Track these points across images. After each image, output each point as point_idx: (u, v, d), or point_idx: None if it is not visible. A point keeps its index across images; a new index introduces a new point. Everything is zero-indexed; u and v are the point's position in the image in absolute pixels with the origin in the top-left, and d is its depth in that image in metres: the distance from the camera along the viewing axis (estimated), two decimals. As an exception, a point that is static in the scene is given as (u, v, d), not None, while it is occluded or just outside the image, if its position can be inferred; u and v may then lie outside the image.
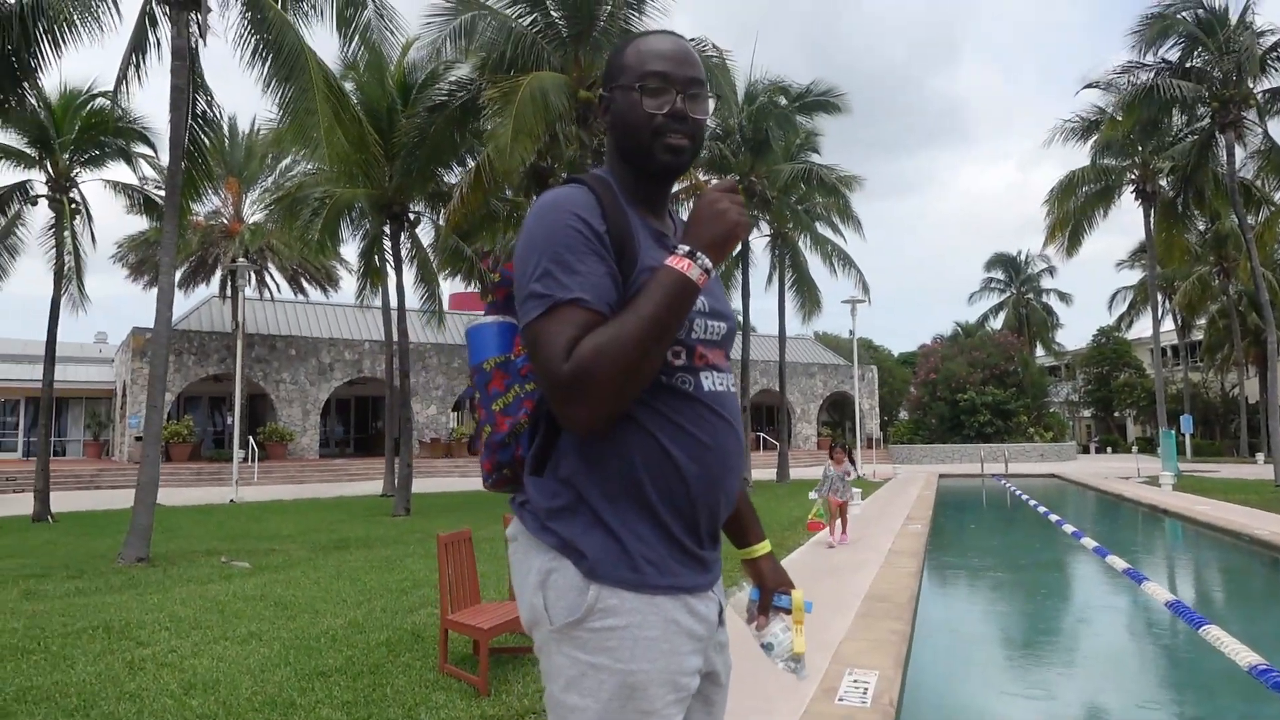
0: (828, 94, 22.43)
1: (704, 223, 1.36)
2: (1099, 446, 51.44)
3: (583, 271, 1.31)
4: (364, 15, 12.64)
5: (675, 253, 1.33)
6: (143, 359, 26.67)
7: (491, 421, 1.49)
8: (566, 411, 1.27)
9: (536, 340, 1.29)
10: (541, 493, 1.40)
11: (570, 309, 1.28)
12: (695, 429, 1.39)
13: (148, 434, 10.15)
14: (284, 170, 28.57)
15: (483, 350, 1.53)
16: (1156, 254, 28.20)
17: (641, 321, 1.27)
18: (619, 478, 1.35)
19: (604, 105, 1.53)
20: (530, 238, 1.36)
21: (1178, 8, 21.88)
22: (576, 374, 1.24)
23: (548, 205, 1.38)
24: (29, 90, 12.19)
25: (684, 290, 1.30)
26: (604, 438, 1.35)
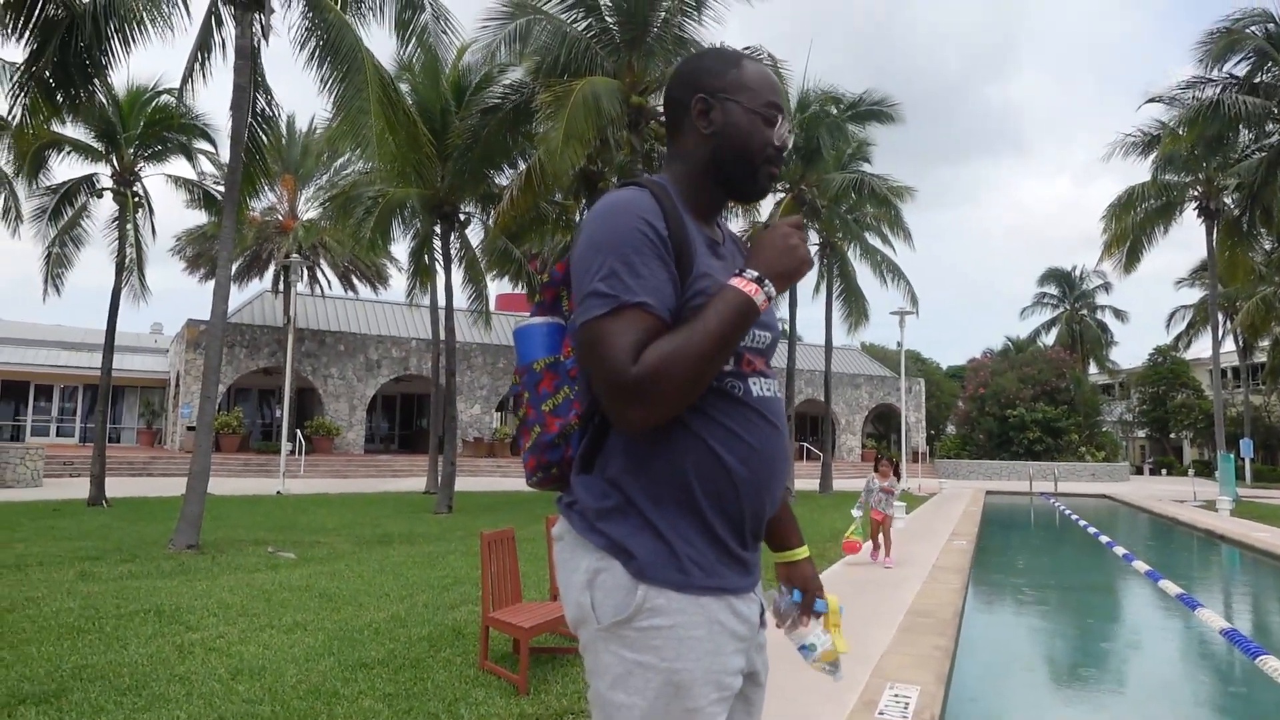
0: (881, 103, 22.21)
1: (774, 254, 1.41)
2: (1153, 468, 50.11)
3: (647, 275, 1.34)
4: (421, 18, 12.83)
5: (743, 275, 1.37)
6: (196, 350, 27.32)
7: (541, 422, 1.51)
8: (626, 413, 1.30)
9: (599, 339, 1.30)
10: (590, 493, 1.42)
11: (635, 312, 1.31)
12: (744, 433, 1.41)
13: (200, 424, 10.38)
14: (339, 169, 29.08)
15: (531, 351, 1.55)
16: (1218, 273, 27.41)
17: (708, 336, 1.30)
18: (668, 480, 1.37)
19: (702, 109, 1.52)
20: (594, 237, 1.38)
21: (1246, 22, 21.29)
22: (643, 378, 1.27)
23: (614, 206, 1.40)
24: (99, 86, 12.58)
25: (748, 312, 1.35)
26: (653, 440, 1.37)
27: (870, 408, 43.94)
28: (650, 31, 15.26)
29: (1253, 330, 40.41)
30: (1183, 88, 22.86)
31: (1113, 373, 55.21)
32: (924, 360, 61.91)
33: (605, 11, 15.50)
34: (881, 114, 22.33)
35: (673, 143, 1.58)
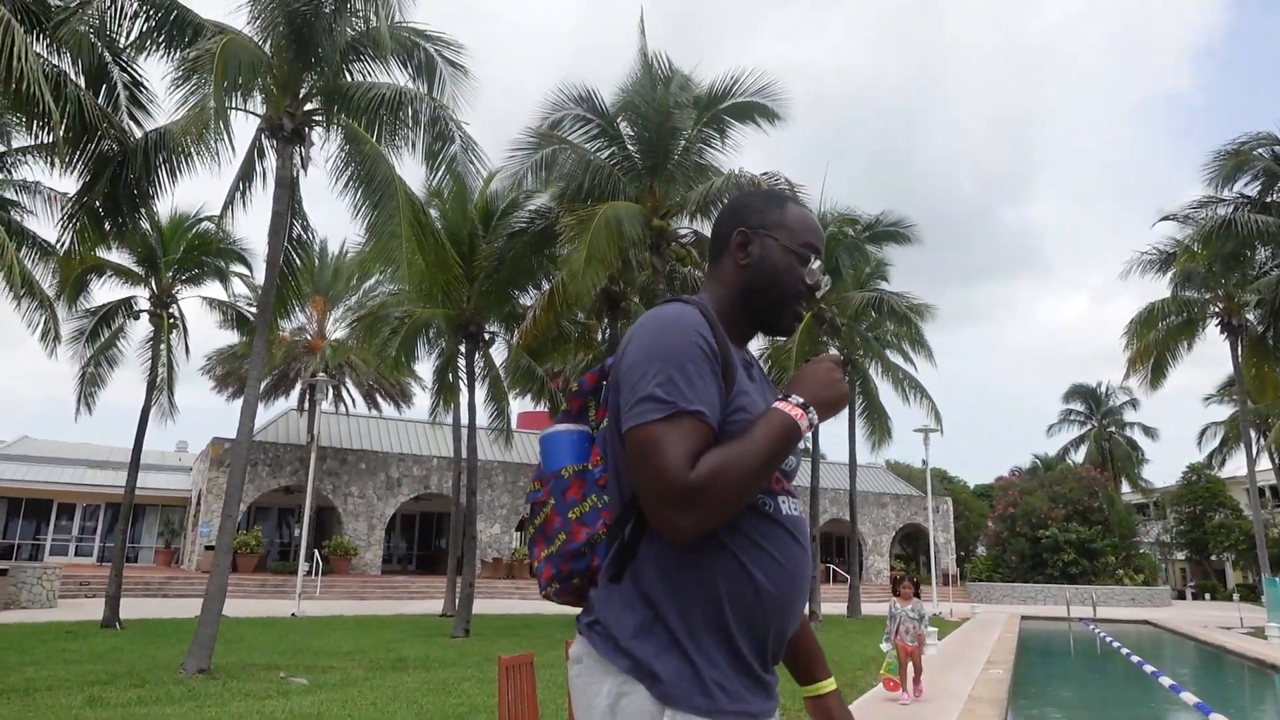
0: (897, 225, 22.70)
1: (820, 385, 1.45)
2: (1195, 592, 48.19)
3: (701, 387, 1.37)
4: (451, 149, 13.40)
5: (789, 400, 1.41)
6: (220, 468, 27.43)
7: (567, 529, 1.50)
8: (677, 519, 1.30)
9: (654, 443, 1.31)
10: (617, 606, 1.40)
11: (692, 420, 1.33)
12: (774, 550, 1.41)
13: (220, 543, 10.33)
14: (368, 290, 29.86)
15: (559, 457, 1.55)
16: (1246, 389, 27.11)
17: (759, 453, 1.34)
18: (699, 595, 1.36)
19: (742, 241, 1.59)
20: (651, 346, 1.40)
21: (1253, 145, 21.80)
22: (698, 486, 1.28)
23: (671, 318, 1.44)
24: (144, 215, 13.16)
25: (794, 435, 1.38)
26: (685, 553, 1.36)
27: (897, 527, 42.99)
28: (671, 159, 15.85)
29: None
30: (1195, 207, 23.24)
31: (1146, 491, 53.89)
32: (950, 479, 60.85)
33: (628, 141, 16.15)
34: (899, 234, 22.80)
35: (713, 269, 1.64)
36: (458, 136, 13.24)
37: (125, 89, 11.76)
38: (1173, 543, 52.22)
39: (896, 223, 22.67)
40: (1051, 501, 39.55)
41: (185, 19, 11.14)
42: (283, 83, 11.82)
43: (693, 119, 15.78)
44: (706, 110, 15.82)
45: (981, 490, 56.93)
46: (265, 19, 11.58)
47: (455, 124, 12.55)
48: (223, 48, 10.25)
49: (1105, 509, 39.73)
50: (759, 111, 15.83)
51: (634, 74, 15.69)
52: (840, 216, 22.46)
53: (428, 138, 13.04)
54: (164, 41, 11.27)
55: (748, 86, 15.64)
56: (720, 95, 15.80)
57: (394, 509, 31.73)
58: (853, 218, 22.60)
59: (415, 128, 12.39)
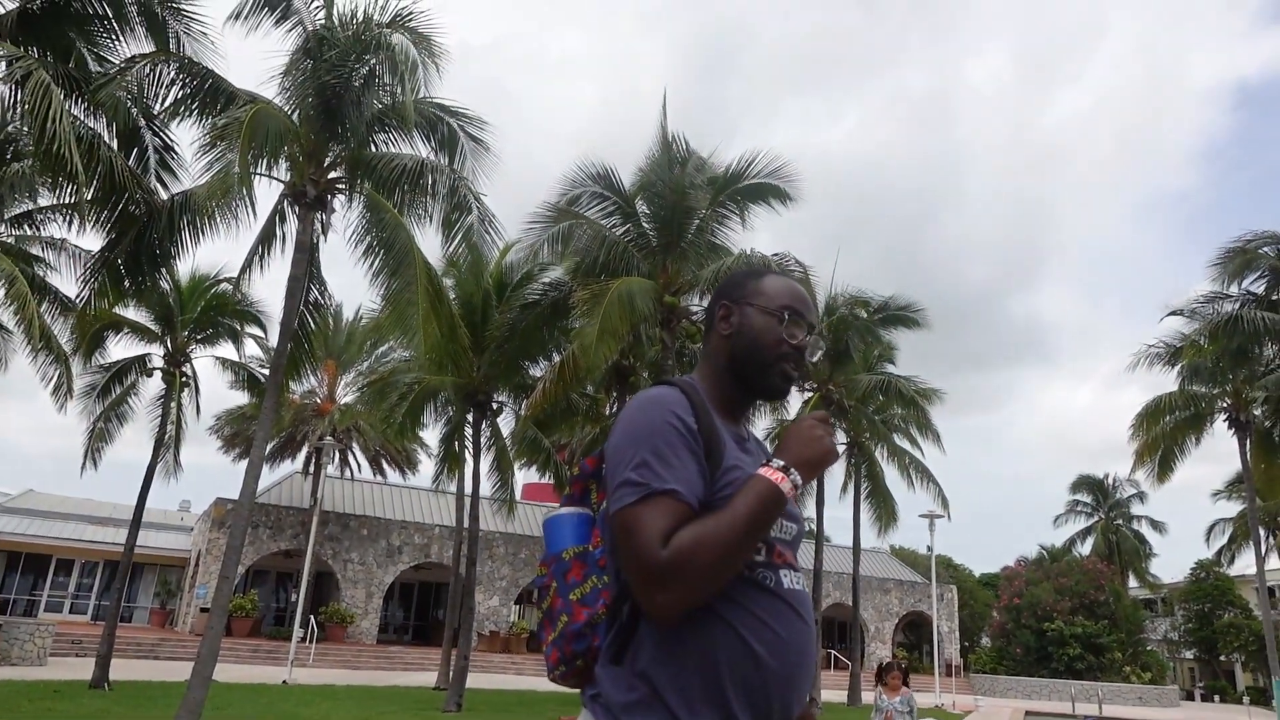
0: (906, 308, 22.90)
1: (801, 443, 1.47)
2: (1204, 693, 46.86)
3: (677, 466, 1.39)
4: (468, 219, 13.68)
5: (770, 465, 1.42)
6: (221, 528, 27.22)
7: (569, 611, 1.52)
8: (656, 597, 1.32)
9: (631, 525, 1.34)
10: (616, 685, 1.40)
11: (666, 499, 1.35)
12: (775, 623, 1.42)
13: (215, 605, 10.22)
14: (380, 356, 30.05)
15: (560, 540, 1.58)
16: (1255, 486, 26.86)
17: (736, 522, 1.35)
18: (697, 671, 1.36)
19: (725, 314, 1.64)
20: (629, 431, 1.44)
21: (1259, 243, 22.07)
22: (673, 562, 1.30)
23: (647, 402, 1.47)
24: (164, 274, 13.41)
25: (776, 500, 1.39)
26: (683, 629, 1.37)
27: (901, 614, 42.14)
28: (685, 237, 16.13)
29: (1298, 547, 39.01)
30: (1202, 302, 23.39)
31: (1154, 587, 52.88)
32: (955, 566, 59.85)
33: (643, 219, 16.47)
34: (907, 319, 22.98)
35: (704, 348, 1.69)
36: (475, 208, 13.54)
37: (156, 152, 12.10)
38: (1181, 641, 50.99)
39: (906, 306, 22.88)
40: (1057, 594, 38.87)
41: (219, 87, 11.54)
42: (308, 151, 12.16)
43: (708, 199, 16.11)
44: (721, 191, 16.16)
45: (987, 579, 55.96)
46: (296, 90, 11.99)
47: (474, 195, 12.85)
48: (251, 117, 10.59)
49: (1112, 603, 38.99)
50: (772, 192, 16.16)
51: (652, 153, 16.08)
52: (851, 298, 22.68)
53: (446, 207, 13.32)
54: (197, 109, 11.65)
55: (762, 168, 16.00)
56: (735, 176, 16.16)
57: (393, 577, 31.31)
58: (863, 299, 22.81)
59: (435, 198, 12.70)
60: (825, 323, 22.24)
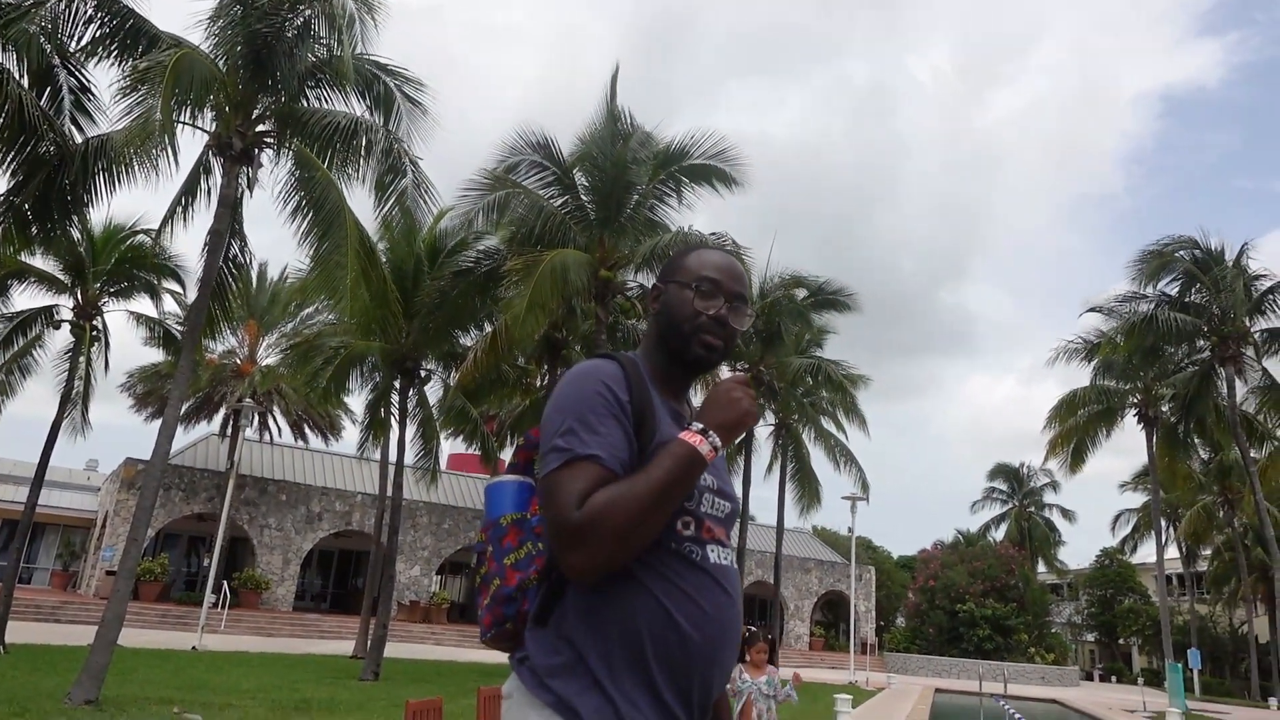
0: (838, 293, 23.24)
1: (718, 407, 1.48)
2: (1103, 674, 49.24)
3: (602, 433, 1.42)
4: (402, 182, 13.32)
5: (689, 428, 1.45)
6: (130, 490, 26.30)
7: (501, 575, 1.53)
8: (569, 557, 1.34)
9: (551, 489, 1.38)
10: (542, 648, 1.43)
11: (587, 464, 1.39)
12: (699, 597, 1.44)
13: (123, 568, 9.85)
14: (305, 318, 29.25)
15: (500, 506, 1.59)
16: (1159, 479, 28.13)
17: (651, 483, 1.37)
18: (620, 639, 1.39)
19: (655, 294, 1.69)
20: (559, 401, 1.48)
21: (1175, 246, 22.96)
22: (585, 522, 1.32)
23: (580, 373, 1.51)
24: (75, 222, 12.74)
25: (693, 462, 1.41)
26: (608, 596, 1.40)
27: (820, 594, 43.14)
28: (623, 212, 16.02)
29: (1195, 538, 41.08)
30: (1120, 301, 24.28)
31: (1061, 572, 55.22)
32: (875, 548, 61.48)
33: (581, 191, 16.29)
34: (839, 303, 23.32)
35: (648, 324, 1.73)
36: (410, 171, 13.18)
37: (71, 93, 11.47)
38: (1083, 624, 53.47)
39: (838, 291, 23.21)
40: (970, 577, 40.23)
41: (141, 29, 10.96)
42: (236, 101, 11.67)
43: (648, 175, 16.00)
44: (663, 168, 16.06)
45: (904, 561, 57.64)
46: (224, 37, 11.47)
47: (409, 158, 12.51)
48: (176, 61, 10.09)
49: (1021, 587, 40.54)
50: (716, 174, 16.13)
51: (595, 125, 15.88)
52: (787, 279, 22.88)
53: (380, 169, 12.94)
54: (117, 49, 11.06)
55: (707, 149, 15.95)
56: (678, 154, 16.07)
57: (312, 544, 30.72)
58: (801, 279, 23.03)
59: (368, 158, 12.31)
60: (758, 304, 22.42)
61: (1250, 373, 22.71)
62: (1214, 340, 22.06)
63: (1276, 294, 21.78)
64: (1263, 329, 22.21)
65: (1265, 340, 22.19)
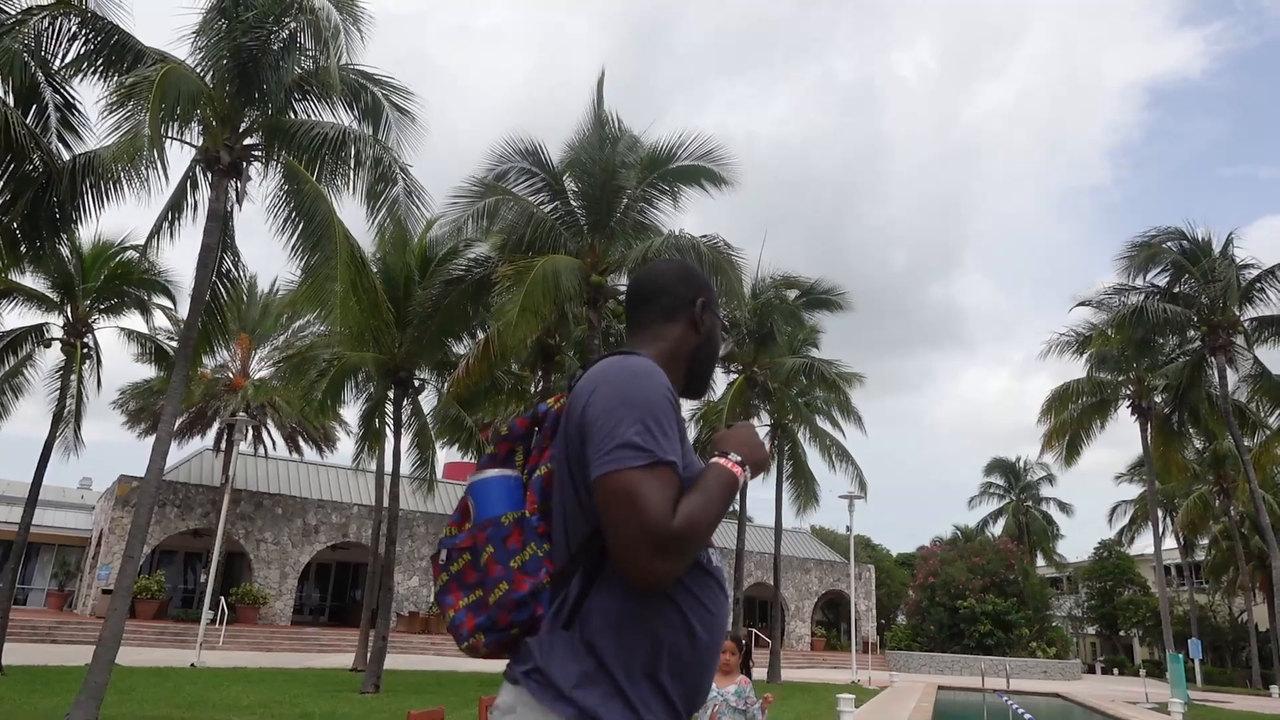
0: (830, 292, 23.27)
1: (752, 447, 1.54)
2: (1105, 667, 49.32)
3: (673, 439, 1.43)
4: (393, 192, 13.30)
5: (729, 458, 1.48)
6: (125, 507, 26.17)
7: (509, 579, 1.46)
8: (658, 564, 1.31)
9: (636, 489, 1.32)
10: (561, 654, 1.38)
11: (669, 470, 1.37)
12: (708, 600, 1.46)
13: (119, 586, 9.79)
14: (297, 330, 29.18)
15: (495, 503, 1.52)
16: (1154, 470, 28.21)
17: (716, 504, 1.40)
18: (641, 646, 1.38)
19: (705, 310, 1.71)
20: (626, 394, 1.43)
21: (1163, 238, 23.04)
22: (683, 532, 1.32)
23: (645, 370, 1.48)
24: (64, 239, 12.70)
25: (735, 489, 1.46)
26: (632, 602, 1.39)
27: (820, 593, 43.14)
28: (613, 217, 16.02)
29: (1191, 528, 41.19)
30: (1110, 293, 24.35)
31: (1060, 566, 55.30)
32: (874, 546, 61.57)
33: (571, 197, 16.29)
34: (831, 302, 23.36)
35: (657, 326, 1.68)
36: (401, 180, 13.17)
37: (57, 110, 11.43)
38: (1084, 617, 53.55)
39: (829, 290, 23.26)
40: (970, 572, 40.26)
41: (127, 44, 10.94)
42: (223, 115, 11.64)
43: (637, 178, 16.01)
44: (652, 171, 16.07)
45: (904, 559, 57.72)
46: (210, 51, 11.44)
47: (399, 167, 12.50)
48: (163, 76, 10.06)
49: (1020, 582, 40.58)
50: (705, 175, 16.14)
51: (583, 131, 15.89)
52: (780, 279, 22.89)
53: (370, 179, 12.93)
54: (102, 66, 11.03)
55: (695, 150, 15.96)
56: (667, 157, 16.08)
57: (309, 557, 30.61)
58: (792, 280, 23.06)
59: (358, 169, 12.29)
60: (750, 305, 22.44)
61: (1241, 361, 22.78)
62: (1204, 330, 22.13)
63: (1264, 282, 21.87)
64: (1251, 317, 22.30)
65: (1255, 328, 22.27)
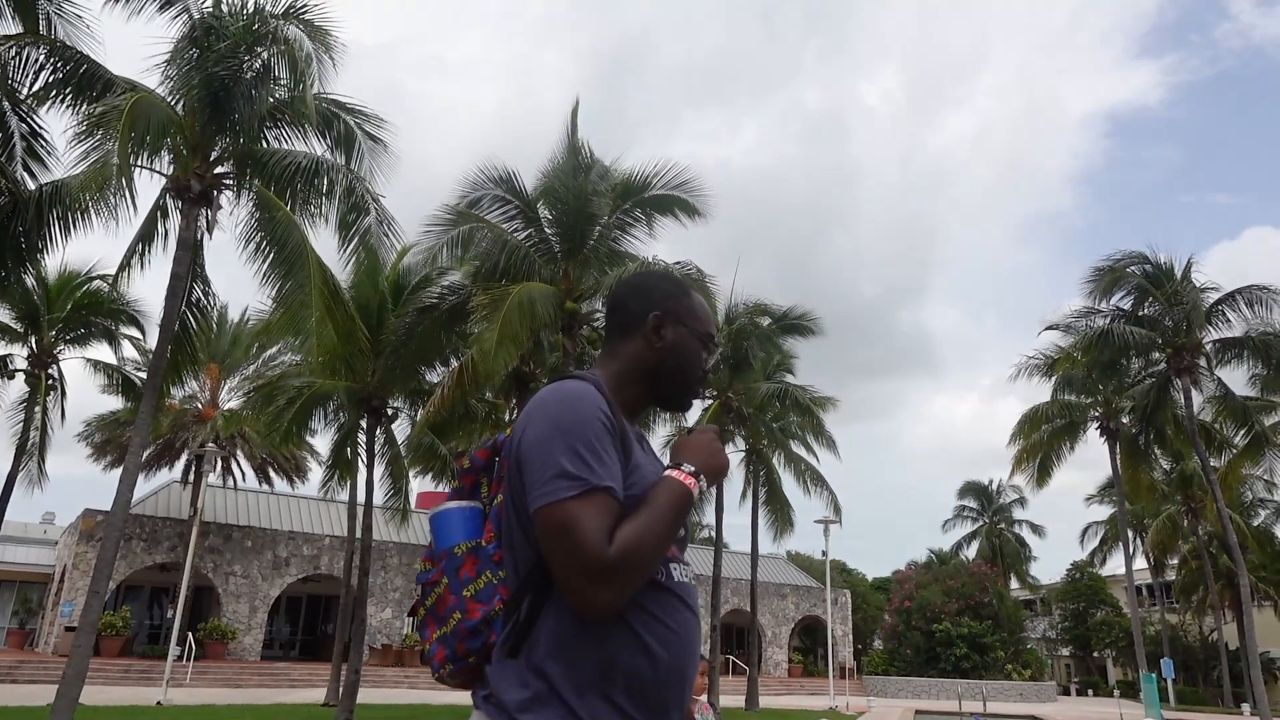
0: (803, 318, 23.46)
1: (707, 454, 1.51)
2: (1080, 688, 49.53)
3: (608, 463, 1.40)
4: (365, 221, 13.27)
5: (680, 468, 1.46)
6: (90, 542, 25.60)
7: (462, 608, 1.48)
8: (599, 595, 1.31)
9: (570, 521, 1.32)
10: (509, 681, 1.38)
11: (604, 496, 1.35)
12: (667, 618, 1.44)
13: (84, 623, 9.57)
14: (268, 359, 28.85)
15: (450, 535, 1.54)
16: (1124, 491, 28.55)
17: (664, 522, 1.38)
18: (594, 668, 1.36)
19: (661, 325, 1.65)
20: (557, 421, 1.42)
21: (1127, 261, 23.50)
22: (619, 560, 1.31)
23: (575, 394, 1.46)
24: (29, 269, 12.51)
25: (689, 501, 1.44)
26: (581, 624, 1.37)
27: (797, 619, 43.01)
28: (587, 244, 16.06)
29: (1161, 549, 41.67)
30: (1076, 317, 24.73)
31: (1033, 588, 55.63)
32: (850, 571, 61.60)
33: (545, 224, 16.32)
34: (803, 328, 23.54)
35: (614, 344, 1.67)
36: (374, 209, 13.15)
37: (22, 139, 11.33)
38: (1058, 639, 53.84)
39: (802, 315, 23.44)
40: (945, 596, 40.38)
41: (96, 74, 10.89)
42: (194, 144, 11.59)
43: (610, 207, 16.09)
44: (626, 199, 16.17)
45: (879, 583, 57.79)
46: (181, 80, 11.41)
47: (371, 196, 12.49)
48: (132, 105, 10.02)
49: (995, 604, 40.76)
50: (678, 205, 16.25)
51: (556, 159, 15.96)
52: (752, 306, 23.05)
53: (343, 208, 12.90)
54: (71, 95, 10.96)
55: (668, 179, 16.09)
56: (639, 186, 16.19)
57: (280, 590, 30.06)
58: (765, 307, 23.23)
59: (330, 198, 12.27)
60: (725, 331, 22.54)
61: (1205, 383, 23.20)
62: (1169, 352, 22.53)
63: (1226, 305, 22.34)
64: (1213, 339, 22.76)
65: (1217, 350, 22.72)
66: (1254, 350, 22.13)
